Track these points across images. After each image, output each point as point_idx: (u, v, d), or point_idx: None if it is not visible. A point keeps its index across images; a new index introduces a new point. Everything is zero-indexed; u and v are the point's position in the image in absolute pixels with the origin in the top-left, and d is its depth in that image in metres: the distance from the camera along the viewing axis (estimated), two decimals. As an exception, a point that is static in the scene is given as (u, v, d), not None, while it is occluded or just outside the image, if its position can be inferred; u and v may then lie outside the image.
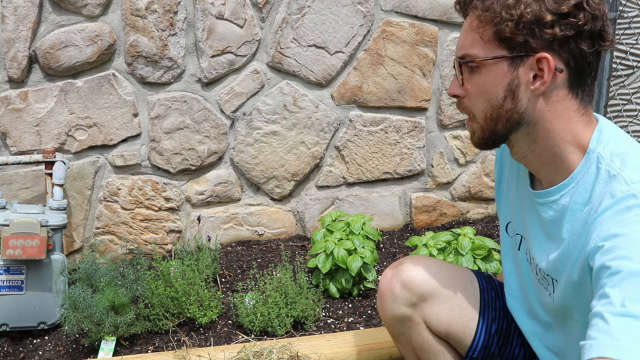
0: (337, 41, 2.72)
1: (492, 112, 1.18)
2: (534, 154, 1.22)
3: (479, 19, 1.15)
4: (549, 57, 1.11)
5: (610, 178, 1.11)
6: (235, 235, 2.83)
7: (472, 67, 1.18)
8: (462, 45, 1.20)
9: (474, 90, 1.20)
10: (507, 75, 1.15)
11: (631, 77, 2.99)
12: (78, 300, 2.05)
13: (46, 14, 2.44)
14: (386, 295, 1.52)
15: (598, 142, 1.16)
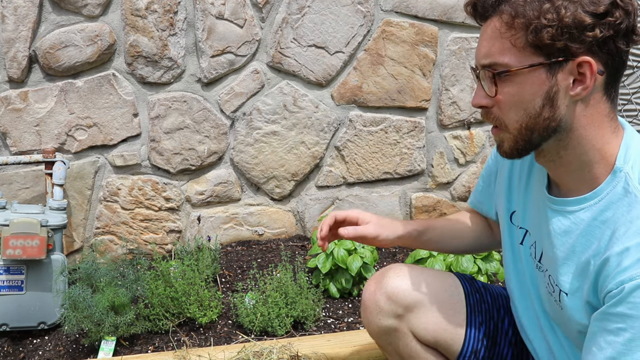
0: (337, 41, 2.72)
1: (528, 121, 1.12)
2: (562, 160, 1.17)
3: (509, 25, 1.08)
4: (592, 60, 1.06)
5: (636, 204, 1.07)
6: (235, 235, 2.83)
7: (505, 76, 1.11)
8: (489, 52, 1.12)
9: (506, 100, 1.13)
10: (546, 83, 1.09)
11: (631, 77, 2.99)
12: (78, 300, 2.05)
13: (46, 14, 2.44)
14: (370, 308, 1.49)
15: (625, 160, 1.12)
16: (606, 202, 1.12)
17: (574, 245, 1.17)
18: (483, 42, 1.14)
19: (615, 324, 1.04)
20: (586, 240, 1.15)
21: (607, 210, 1.12)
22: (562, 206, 1.20)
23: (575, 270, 1.17)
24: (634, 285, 1.01)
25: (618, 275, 1.04)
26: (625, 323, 1.02)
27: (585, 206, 1.16)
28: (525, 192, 1.36)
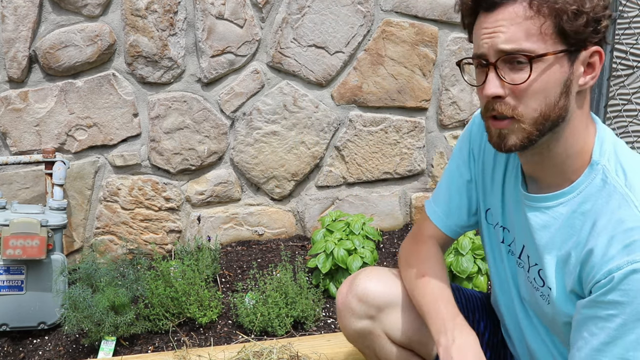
0: (337, 41, 2.72)
1: (546, 110, 1.10)
2: (551, 153, 1.16)
3: (536, 11, 1.06)
4: (601, 50, 1.09)
5: (615, 195, 1.09)
6: (235, 235, 2.83)
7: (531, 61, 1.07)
8: (512, 38, 1.07)
9: (530, 88, 1.09)
10: (566, 71, 1.08)
11: (631, 77, 2.98)
12: (78, 300, 2.05)
13: (46, 14, 2.44)
14: (343, 311, 1.49)
15: (601, 154, 1.13)
16: (584, 195, 1.14)
17: (554, 238, 1.19)
18: (501, 29, 1.09)
19: (606, 310, 1.06)
20: (565, 232, 1.16)
21: (586, 202, 1.13)
22: (540, 202, 1.21)
23: (556, 262, 1.19)
24: (623, 274, 1.03)
25: (605, 265, 1.06)
26: (617, 309, 1.05)
27: (563, 201, 1.17)
28: (500, 191, 1.35)
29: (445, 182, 1.48)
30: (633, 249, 1.03)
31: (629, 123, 3.02)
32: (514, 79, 1.09)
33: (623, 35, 2.91)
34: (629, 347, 1.04)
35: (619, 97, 3.02)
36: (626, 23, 2.91)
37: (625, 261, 1.03)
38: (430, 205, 1.52)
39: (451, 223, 1.48)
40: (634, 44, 2.92)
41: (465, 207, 1.46)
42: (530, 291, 1.29)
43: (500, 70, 1.10)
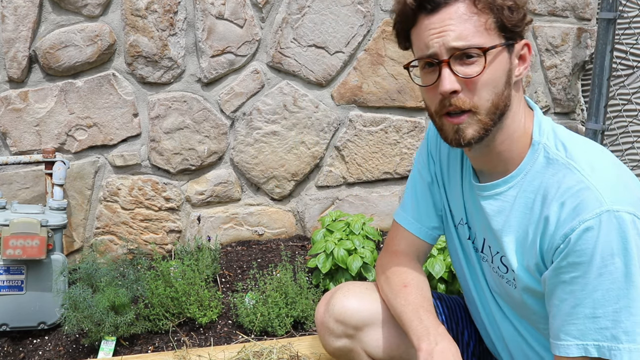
0: (337, 41, 2.72)
1: (496, 99, 1.17)
2: (496, 141, 1.22)
3: (480, 7, 1.14)
4: (529, 43, 1.19)
5: (559, 166, 1.15)
6: (235, 235, 2.83)
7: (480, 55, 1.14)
8: (461, 35, 1.14)
9: (482, 79, 1.15)
10: (507, 62, 1.17)
11: (631, 77, 2.99)
12: (78, 300, 2.05)
13: (46, 14, 2.44)
14: (322, 330, 1.50)
15: (541, 134, 1.21)
16: (531, 174, 1.20)
17: (509, 220, 1.23)
18: (449, 27, 1.14)
19: (569, 274, 1.10)
20: (520, 213, 1.21)
21: (534, 180, 1.19)
22: (491, 190, 1.26)
23: (515, 243, 1.23)
24: (577, 235, 1.08)
25: (560, 229, 1.11)
26: (578, 270, 1.09)
27: (512, 184, 1.23)
28: (460, 189, 1.38)
29: (410, 189, 1.51)
30: (582, 208, 1.08)
31: (629, 123, 3.02)
32: (467, 73, 1.15)
33: (623, 35, 2.91)
34: (596, 304, 1.07)
35: (619, 97, 3.02)
36: (626, 23, 2.91)
37: (577, 221, 1.08)
38: (399, 214, 1.53)
39: (423, 226, 1.49)
40: (634, 44, 2.92)
41: (432, 208, 1.48)
42: (497, 281, 1.32)
43: (453, 66, 1.15)
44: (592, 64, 2.94)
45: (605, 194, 1.08)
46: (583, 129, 3.04)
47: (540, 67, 3.02)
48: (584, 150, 1.17)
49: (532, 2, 2.93)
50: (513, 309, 1.33)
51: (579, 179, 1.11)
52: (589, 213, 1.07)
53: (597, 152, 1.18)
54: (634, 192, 1.11)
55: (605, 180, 1.10)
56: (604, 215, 1.06)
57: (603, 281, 1.06)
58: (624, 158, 3.03)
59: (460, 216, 1.40)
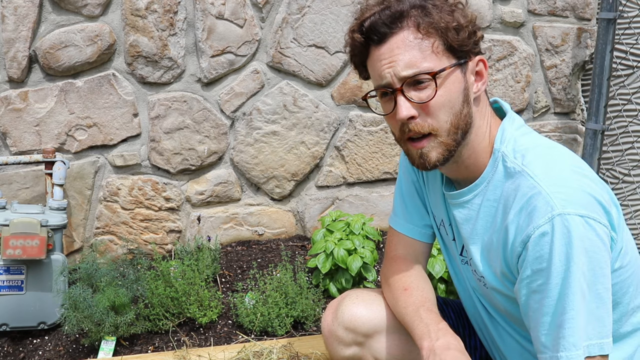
0: (337, 41, 2.72)
1: (455, 120, 1.18)
2: (462, 157, 1.24)
3: (424, 33, 1.15)
4: (484, 58, 1.21)
5: (516, 174, 1.16)
6: (235, 235, 2.83)
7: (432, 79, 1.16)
8: (411, 62, 1.16)
9: (438, 102, 1.17)
10: (462, 81, 1.18)
11: (631, 77, 2.98)
12: (78, 300, 2.05)
13: (46, 14, 2.44)
14: (330, 339, 1.48)
15: (502, 141, 1.22)
16: (493, 183, 1.22)
17: (475, 228, 1.25)
18: (398, 57, 1.16)
19: (535, 282, 1.11)
20: (484, 221, 1.23)
21: (496, 189, 1.21)
22: (459, 198, 1.28)
23: (481, 251, 1.25)
24: (534, 241, 1.09)
25: (518, 236, 1.13)
26: (542, 277, 1.09)
27: (477, 192, 1.25)
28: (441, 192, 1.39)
29: (398, 192, 1.53)
30: (535, 214, 1.09)
31: (629, 123, 3.02)
32: (421, 98, 1.17)
33: (623, 35, 2.91)
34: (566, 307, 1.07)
35: (619, 97, 3.02)
36: (626, 23, 2.91)
37: (532, 228, 1.10)
38: (391, 219, 1.55)
39: (415, 226, 1.49)
40: (634, 44, 2.92)
41: (421, 206, 1.49)
42: (476, 285, 1.34)
43: (407, 93, 1.18)
44: (592, 64, 2.94)
45: (555, 198, 1.08)
46: (583, 129, 3.04)
47: (540, 67, 3.02)
48: (541, 155, 1.17)
49: (532, 2, 2.93)
50: (496, 308, 1.34)
51: (532, 184, 1.12)
52: (541, 218, 1.08)
53: (556, 156, 1.18)
54: (589, 193, 1.10)
55: (557, 184, 1.10)
56: (555, 219, 1.07)
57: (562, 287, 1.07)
58: (624, 158, 3.03)
59: (441, 217, 1.41)
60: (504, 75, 2.96)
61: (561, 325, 1.07)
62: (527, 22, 2.96)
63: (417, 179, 1.48)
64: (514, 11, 2.91)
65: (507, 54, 2.93)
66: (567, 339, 1.07)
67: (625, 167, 3.06)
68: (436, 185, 1.40)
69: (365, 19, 1.19)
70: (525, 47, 2.97)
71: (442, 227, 1.43)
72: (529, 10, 2.94)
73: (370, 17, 1.18)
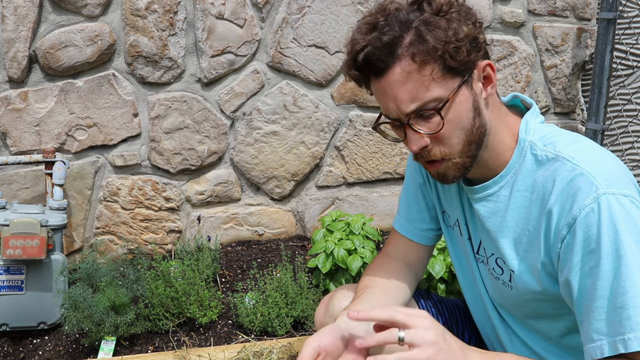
0: (337, 41, 2.72)
1: (467, 137, 1.17)
2: (482, 157, 1.22)
3: (420, 63, 1.10)
4: (489, 61, 1.17)
5: (550, 161, 1.15)
6: (235, 235, 2.83)
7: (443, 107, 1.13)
8: (413, 96, 1.12)
9: (448, 129, 1.14)
10: (470, 97, 1.15)
11: (631, 77, 2.99)
12: (78, 300, 2.05)
13: (46, 14, 2.44)
14: None
15: (527, 131, 1.21)
16: (522, 173, 1.20)
17: (505, 221, 1.23)
18: (398, 92, 1.13)
19: (587, 265, 1.07)
20: (516, 212, 1.21)
21: (526, 179, 1.19)
22: (482, 192, 1.26)
23: (514, 243, 1.22)
24: (580, 222, 1.07)
25: (563, 219, 1.10)
26: (593, 259, 1.06)
27: (503, 183, 1.23)
28: (457, 191, 1.37)
29: (403, 192, 1.52)
30: (580, 195, 1.08)
31: (629, 123, 3.02)
32: (431, 128, 1.15)
33: (623, 35, 2.91)
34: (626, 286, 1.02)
35: (619, 97, 3.02)
36: (626, 23, 2.91)
37: (577, 209, 1.08)
38: (395, 218, 1.54)
39: (415, 228, 1.49)
40: (634, 44, 2.92)
41: (424, 209, 1.48)
42: (493, 284, 1.32)
43: (415, 125, 1.15)
44: (592, 64, 2.94)
45: (599, 178, 1.08)
46: (583, 129, 3.04)
47: (540, 67, 3.02)
48: (572, 142, 1.17)
49: (532, 2, 2.93)
50: (509, 311, 1.33)
51: (572, 167, 1.11)
52: (586, 199, 1.07)
53: (586, 143, 1.19)
54: (626, 176, 1.12)
55: (597, 165, 1.10)
56: (601, 198, 1.05)
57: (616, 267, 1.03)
58: (624, 158, 3.03)
59: (456, 217, 1.39)
60: (504, 75, 2.96)
61: (623, 307, 1.02)
62: (527, 22, 2.96)
63: (424, 182, 1.47)
64: (514, 11, 2.91)
65: (507, 54, 2.93)
66: (633, 319, 1.01)
67: (626, 168, 3.05)
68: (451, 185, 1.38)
69: (357, 52, 1.13)
70: (525, 47, 2.97)
71: (455, 227, 1.40)
72: (529, 10, 2.95)
73: (363, 49, 1.12)
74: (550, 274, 1.17)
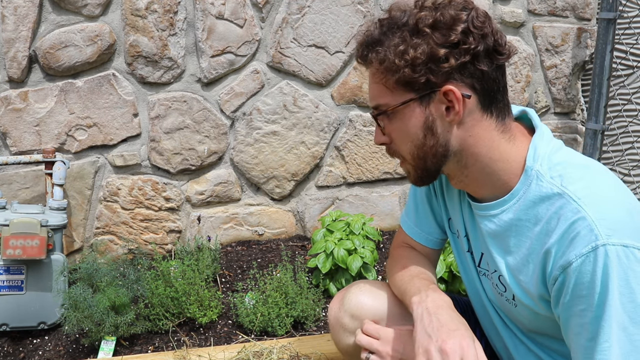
0: (337, 41, 2.72)
1: (417, 151, 1.20)
2: (469, 178, 1.23)
3: (378, 70, 1.17)
4: (453, 88, 1.12)
5: (554, 196, 1.12)
6: (235, 235, 2.83)
7: (388, 114, 1.20)
8: (372, 96, 1.22)
9: (395, 136, 1.21)
10: (422, 115, 1.17)
11: (631, 77, 2.99)
12: (78, 300, 2.05)
13: (46, 14, 2.44)
14: (336, 327, 1.49)
15: (535, 159, 1.17)
16: (526, 202, 1.18)
17: (505, 245, 1.22)
18: (369, 87, 1.24)
19: (577, 306, 1.08)
20: (517, 240, 1.20)
21: (530, 209, 1.17)
22: (485, 211, 1.25)
23: (514, 269, 1.22)
24: (574, 268, 1.06)
25: (558, 261, 1.09)
26: (584, 303, 1.07)
27: (505, 208, 1.21)
28: (458, 200, 1.37)
29: (412, 193, 1.53)
30: (579, 241, 1.06)
31: (629, 123, 3.02)
32: (380, 130, 1.24)
33: (623, 35, 2.91)
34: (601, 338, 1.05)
35: (619, 97, 3.02)
36: (626, 23, 2.91)
37: (574, 255, 1.07)
38: (403, 218, 1.56)
39: (422, 232, 1.50)
40: (634, 44, 2.92)
41: (430, 217, 1.49)
42: (496, 296, 1.32)
43: (378, 120, 1.23)
44: (592, 64, 2.95)
45: (600, 226, 1.05)
46: (583, 129, 3.04)
47: (540, 67, 3.03)
48: (581, 176, 1.13)
49: (532, 2, 2.93)
50: (514, 322, 1.33)
51: (575, 208, 1.08)
52: (584, 247, 1.05)
53: (597, 177, 1.14)
54: (634, 219, 1.08)
55: (601, 210, 1.07)
56: (599, 250, 1.04)
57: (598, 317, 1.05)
58: (624, 158, 3.03)
59: (457, 228, 1.39)
60: (504, 75, 2.95)
61: (594, 354, 1.06)
62: (527, 22, 2.96)
63: (431, 189, 1.47)
64: (514, 11, 2.91)
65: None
66: None
67: (625, 167, 3.06)
68: (454, 194, 1.38)
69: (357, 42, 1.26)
70: (525, 47, 2.97)
71: (460, 238, 1.41)
72: (529, 10, 2.95)
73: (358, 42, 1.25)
74: (549, 303, 1.18)
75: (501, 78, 1.17)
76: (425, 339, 1.17)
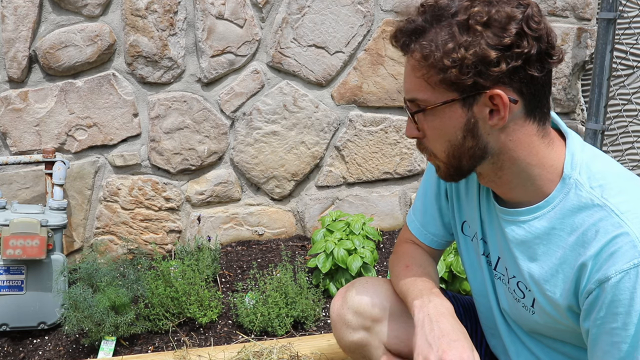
0: (337, 41, 2.72)
1: (453, 151, 1.15)
2: (502, 179, 1.19)
3: (421, 65, 1.10)
4: (501, 92, 1.07)
5: (594, 207, 1.09)
6: (235, 235, 2.83)
7: (421, 112, 1.14)
8: (410, 88, 1.15)
9: (431, 133, 1.16)
10: (463, 116, 1.11)
11: (631, 77, 2.99)
12: (78, 300, 2.05)
13: (46, 14, 2.44)
14: (339, 324, 1.48)
15: (573, 167, 1.14)
16: (562, 211, 1.14)
17: (536, 252, 1.18)
18: (405, 78, 1.17)
19: (609, 324, 1.05)
20: (548, 249, 1.16)
21: (566, 218, 1.13)
22: (514, 216, 1.21)
23: (543, 277, 1.18)
24: (612, 284, 1.03)
25: (595, 274, 1.06)
26: (618, 321, 1.04)
27: (538, 215, 1.17)
28: (477, 203, 1.34)
29: (421, 192, 1.50)
30: (620, 256, 1.03)
31: (629, 123, 3.02)
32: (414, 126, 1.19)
33: (623, 35, 2.91)
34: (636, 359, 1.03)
35: (619, 97, 3.02)
36: (626, 23, 2.91)
37: (613, 270, 1.03)
38: (409, 216, 1.54)
39: (428, 233, 1.49)
40: (634, 44, 2.92)
41: (438, 218, 1.47)
42: (512, 303, 1.29)
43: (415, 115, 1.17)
44: (592, 64, 2.95)
45: None
46: (583, 129, 3.04)
47: (540, 67, 3.02)
48: (623, 188, 1.10)
49: (532, 2, 2.93)
50: (523, 328, 1.31)
51: (617, 223, 1.05)
52: (626, 263, 1.02)
53: (638, 191, 1.11)
54: None
55: None
56: None
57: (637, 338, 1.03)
58: (624, 158, 3.04)
59: (475, 230, 1.36)
60: (504, 75, 2.95)
61: None
62: (527, 22, 2.96)
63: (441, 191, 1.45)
64: (514, 11, 2.91)
65: (507, 54, 2.93)
66: None
67: (626, 167, 3.06)
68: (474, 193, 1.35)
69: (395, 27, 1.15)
70: (525, 47, 2.96)
71: (475, 240, 1.37)
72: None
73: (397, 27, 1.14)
74: (577, 314, 1.15)
75: (548, 83, 1.12)
76: (426, 348, 1.17)
